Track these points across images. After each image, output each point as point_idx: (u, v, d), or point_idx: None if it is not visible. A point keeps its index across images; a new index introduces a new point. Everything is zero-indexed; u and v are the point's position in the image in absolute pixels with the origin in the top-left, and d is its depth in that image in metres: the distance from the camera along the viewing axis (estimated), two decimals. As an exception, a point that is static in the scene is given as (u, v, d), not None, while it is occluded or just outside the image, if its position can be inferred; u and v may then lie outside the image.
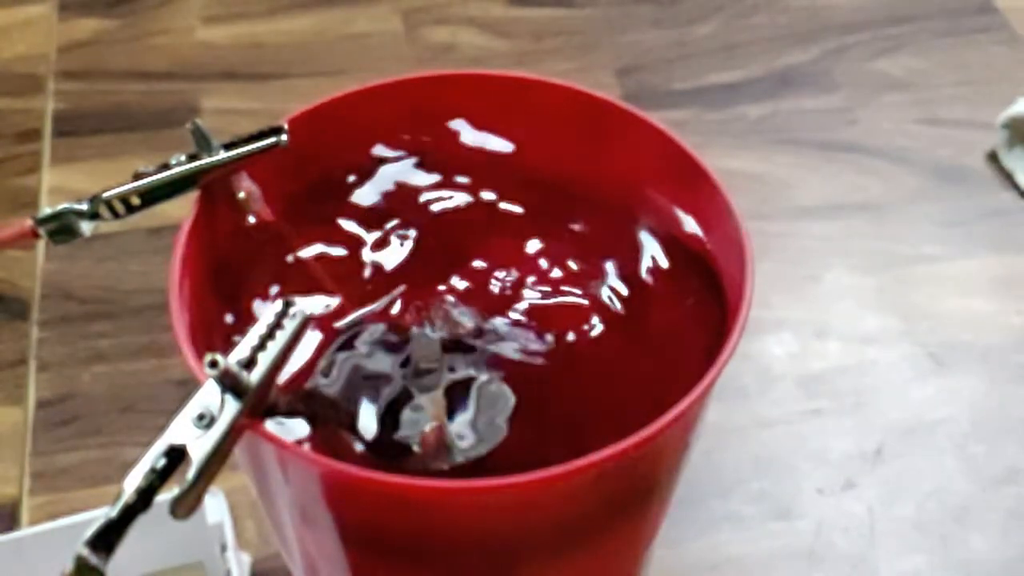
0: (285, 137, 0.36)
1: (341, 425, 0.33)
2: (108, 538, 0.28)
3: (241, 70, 0.71)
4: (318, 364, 0.34)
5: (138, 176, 0.35)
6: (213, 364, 0.28)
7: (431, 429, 0.32)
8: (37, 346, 0.57)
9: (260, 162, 0.36)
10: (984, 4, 0.76)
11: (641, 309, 0.36)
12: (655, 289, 0.37)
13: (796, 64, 0.73)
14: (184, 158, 0.36)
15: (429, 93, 0.40)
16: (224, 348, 0.30)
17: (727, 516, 0.51)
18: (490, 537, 0.33)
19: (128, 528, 0.28)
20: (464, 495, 0.30)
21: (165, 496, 0.28)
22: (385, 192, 0.39)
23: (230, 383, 0.29)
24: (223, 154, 0.36)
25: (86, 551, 0.27)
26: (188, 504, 0.29)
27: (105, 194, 0.35)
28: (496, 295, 0.36)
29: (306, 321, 0.31)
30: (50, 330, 0.58)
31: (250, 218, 0.37)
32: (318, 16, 0.75)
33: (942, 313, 0.59)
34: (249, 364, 0.30)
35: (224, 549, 0.43)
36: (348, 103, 0.39)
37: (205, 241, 0.36)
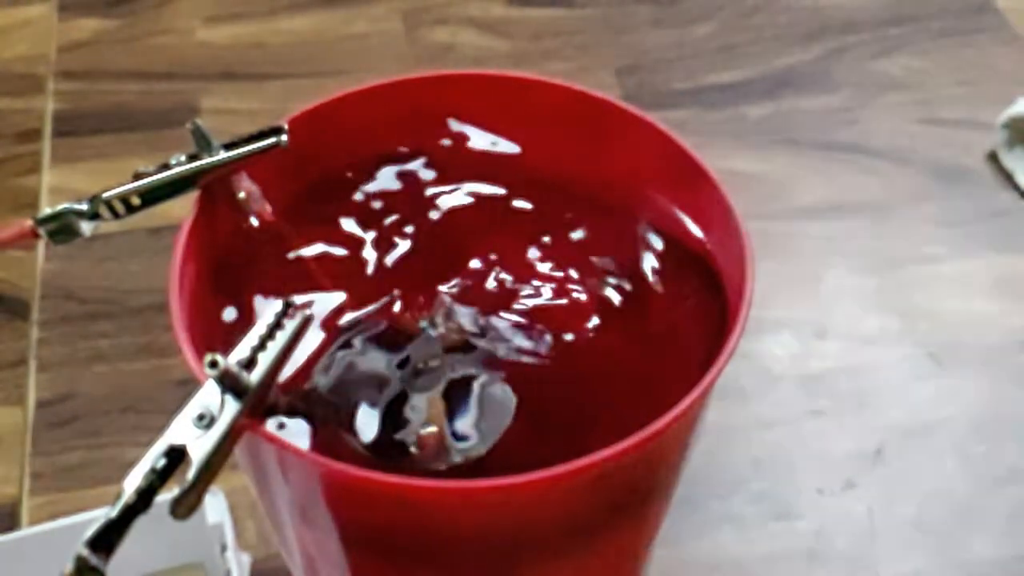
0: (285, 137, 0.36)
1: (340, 425, 0.33)
2: (108, 538, 0.28)
3: (241, 70, 0.71)
4: (318, 364, 0.34)
5: (138, 176, 0.35)
6: (213, 364, 0.28)
7: (429, 431, 0.32)
8: (37, 346, 0.57)
9: (260, 162, 0.36)
10: (984, 4, 0.76)
11: (641, 309, 0.36)
12: (655, 289, 0.37)
13: (796, 64, 0.72)
14: (184, 158, 0.36)
15: (429, 93, 0.40)
16: (224, 348, 0.30)
17: (727, 516, 0.51)
18: (490, 537, 0.33)
19: (128, 528, 0.28)
20: (464, 495, 0.30)
21: (165, 496, 0.28)
22: (385, 192, 0.39)
23: (230, 383, 0.29)
24: (223, 154, 0.36)
25: (86, 551, 0.28)
26: (188, 504, 0.29)
27: (105, 194, 0.35)
28: (496, 295, 0.36)
29: (306, 321, 0.31)
30: (50, 330, 0.58)
31: (251, 218, 0.37)
32: (318, 16, 0.75)
33: (942, 313, 0.59)
34: (249, 364, 0.30)
35: (224, 549, 0.43)
36: (348, 103, 0.39)
37: (205, 241, 0.36)
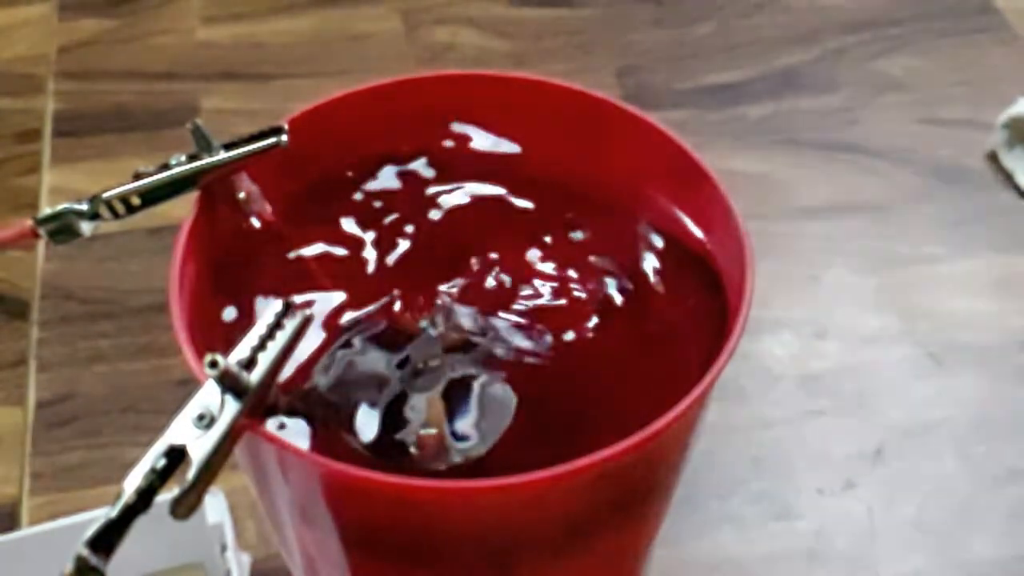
0: (285, 137, 0.36)
1: (340, 425, 0.33)
2: (108, 538, 0.28)
3: (241, 70, 0.71)
4: (318, 363, 0.34)
5: (138, 176, 0.35)
6: (213, 364, 0.28)
7: (428, 431, 0.32)
8: (37, 346, 0.57)
9: (260, 162, 0.36)
10: (984, 4, 0.76)
11: (641, 309, 0.36)
12: (655, 289, 0.37)
13: (796, 64, 0.72)
14: (184, 158, 0.36)
15: (429, 93, 0.40)
16: (224, 348, 0.30)
17: (727, 516, 0.51)
18: (490, 537, 0.33)
19: (128, 528, 0.28)
20: (464, 495, 0.30)
21: (165, 496, 0.28)
22: (385, 192, 0.39)
23: (230, 383, 0.29)
24: (223, 154, 0.36)
25: (86, 551, 0.28)
26: (188, 504, 0.29)
27: (105, 194, 0.35)
28: (496, 295, 0.36)
29: (306, 321, 0.31)
30: (50, 330, 0.58)
31: (251, 218, 0.37)
32: (318, 16, 0.75)
33: (942, 313, 0.59)
34: (249, 364, 0.30)
35: (224, 549, 0.43)
36: (348, 103, 0.39)
37: (205, 241, 0.36)
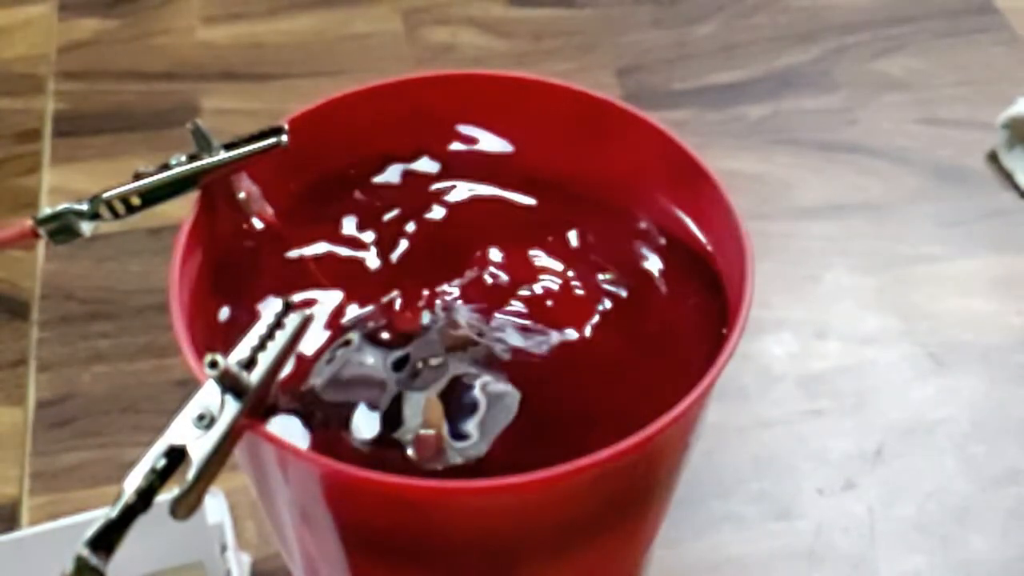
0: (285, 137, 0.36)
1: (340, 425, 0.33)
2: (108, 538, 0.28)
3: (241, 70, 0.71)
4: (318, 363, 0.34)
5: (138, 176, 0.35)
6: (213, 364, 0.28)
7: (427, 431, 0.32)
8: (37, 346, 0.57)
9: (260, 162, 0.36)
10: (984, 4, 0.76)
11: (641, 309, 0.36)
12: (655, 289, 0.37)
13: (796, 64, 0.72)
14: (184, 158, 0.36)
15: (429, 93, 0.40)
16: (224, 348, 0.30)
17: (727, 516, 0.51)
18: (490, 537, 0.33)
19: (128, 528, 0.28)
20: (464, 495, 0.30)
21: (165, 496, 0.28)
22: (386, 191, 0.39)
23: (230, 383, 0.29)
24: (223, 154, 0.36)
25: (86, 551, 0.28)
26: (188, 504, 0.29)
27: (105, 194, 0.35)
28: (497, 294, 0.36)
29: (306, 321, 0.31)
30: (50, 330, 0.58)
31: (251, 219, 0.37)
32: (318, 16, 0.75)
33: (942, 313, 0.59)
34: (249, 364, 0.30)
35: (224, 549, 0.43)
36: (348, 103, 0.39)
37: (205, 241, 0.36)
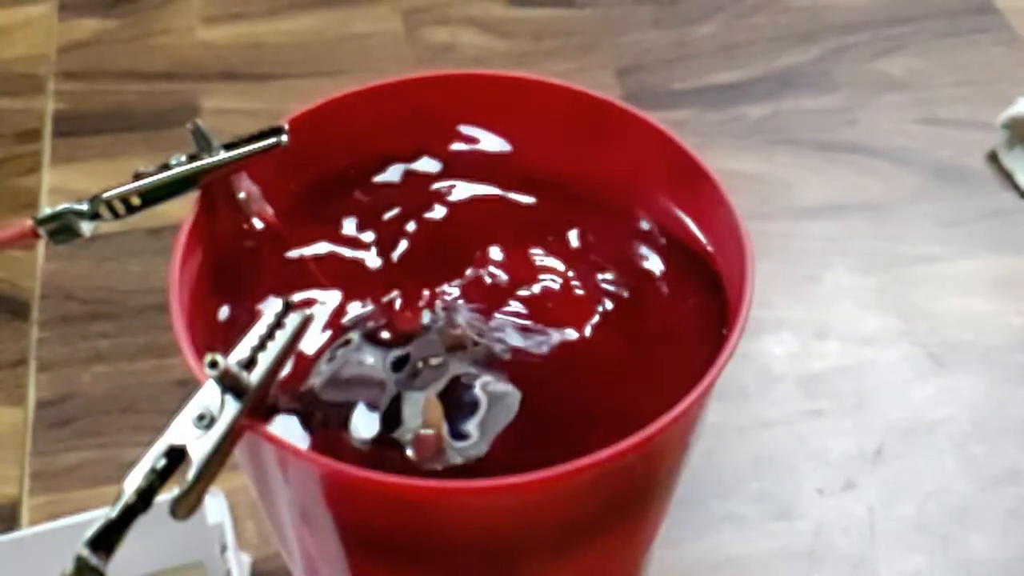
0: (285, 137, 0.36)
1: (340, 425, 0.33)
2: (108, 538, 0.28)
3: (241, 70, 0.71)
4: (318, 363, 0.34)
5: (138, 176, 0.35)
6: (213, 364, 0.28)
7: (427, 431, 0.32)
8: (37, 346, 0.57)
9: (260, 162, 0.36)
10: (984, 4, 0.76)
11: (641, 309, 0.36)
12: (655, 289, 0.37)
13: (796, 64, 0.72)
14: (184, 158, 0.36)
15: (429, 93, 0.40)
16: (224, 348, 0.30)
17: (727, 516, 0.51)
18: (490, 537, 0.33)
19: (128, 528, 0.28)
20: (464, 495, 0.30)
21: (165, 496, 0.28)
22: (386, 191, 0.39)
23: (230, 383, 0.29)
24: (223, 154, 0.36)
25: (86, 551, 0.28)
26: (188, 504, 0.29)
27: (105, 194, 0.35)
28: (497, 294, 0.36)
29: (306, 321, 0.31)
30: (50, 330, 0.58)
31: (251, 219, 0.37)
32: (318, 16, 0.75)
33: (942, 313, 0.59)
34: (249, 364, 0.30)
35: (224, 549, 0.43)
36: (348, 103, 0.39)
37: (205, 241, 0.36)
